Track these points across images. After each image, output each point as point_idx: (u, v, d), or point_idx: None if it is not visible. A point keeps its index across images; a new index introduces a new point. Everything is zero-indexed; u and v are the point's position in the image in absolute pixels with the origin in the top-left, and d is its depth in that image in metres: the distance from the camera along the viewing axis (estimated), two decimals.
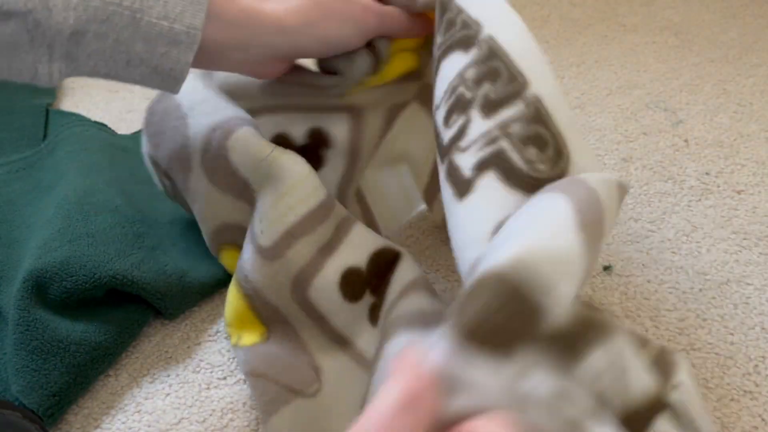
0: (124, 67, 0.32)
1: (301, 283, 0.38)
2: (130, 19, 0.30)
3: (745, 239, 0.48)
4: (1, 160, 0.56)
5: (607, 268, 0.46)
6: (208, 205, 0.42)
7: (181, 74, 0.33)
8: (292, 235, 0.38)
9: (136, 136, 0.63)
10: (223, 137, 0.39)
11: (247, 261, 0.39)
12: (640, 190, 0.53)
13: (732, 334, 0.41)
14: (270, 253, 0.38)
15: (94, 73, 0.32)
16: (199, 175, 0.41)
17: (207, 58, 0.35)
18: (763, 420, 0.36)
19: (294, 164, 0.38)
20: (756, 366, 0.39)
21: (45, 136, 0.61)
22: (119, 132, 0.64)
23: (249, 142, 0.38)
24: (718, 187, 0.53)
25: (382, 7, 0.39)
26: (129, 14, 0.30)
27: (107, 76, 0.33)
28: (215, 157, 0.39)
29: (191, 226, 0.48)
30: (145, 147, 0.44)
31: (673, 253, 0.47)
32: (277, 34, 0.36)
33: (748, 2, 0.88)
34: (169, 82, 0.33)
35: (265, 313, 0.39)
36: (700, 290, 0.44)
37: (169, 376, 0.40)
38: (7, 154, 0.58)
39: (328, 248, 0.38)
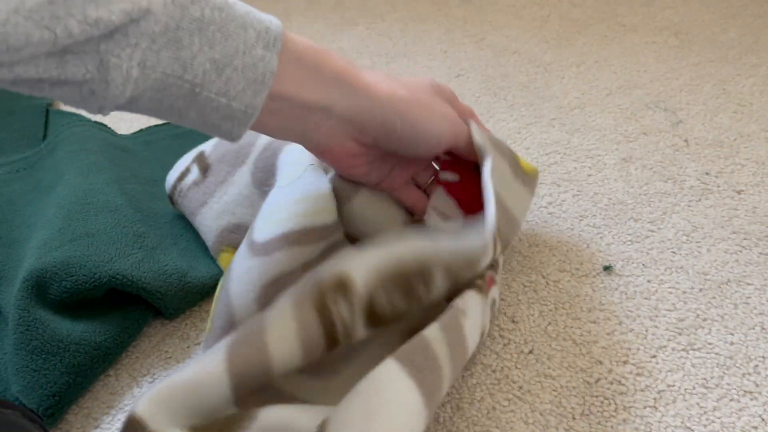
0: (175, 121, 0.32)
1: (270, 288, 0.37)
2: (189, 92, 0.29)
3: (745, 239, 0.48)
4: (2, 160, 0.56)
5: (607, 268, 0.46)
6: (236, 200, 0.45)
7: (232, 140, 0.33)
8: (286, 240, 0.38)
9: (136, 136, 0.63)
10: (280, 145, 0.45)
11: (236, 254, 0.39)
12: (641, 190, 0.53)
13: (732, 334, 0.41)
14: (258, 248, 0.38)
15: (144, 114, 0.32)
16: (246, 171, 0.45)
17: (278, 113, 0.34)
18: (763, 420, 0.36)
19: (321, 181, 0.40)
20: (756, 366, 0.39)
21: (45, 136, 0.61)
22: (119, 132, 0.64)
23: (298, 152, 0.43)
24: (718, 187, 0.53)
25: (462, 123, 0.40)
26: (188, 87, 0.29)
27: (157, 118, 0.33)
28: (268, 157, 0.44)
29: (191, 226, 0.48)
30: None
31: (673, 253, 0.47)
32: (368, 99, 0.35)
33: (748, 2, 0.88)
34: (222, 138, 0.33)
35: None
36: (700, 290, 0.44)
37: (168, 376, 0.40)
38: (7, 154, 0.58)
39: (309, 265, 0.39)
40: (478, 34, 0.85)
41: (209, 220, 0.45)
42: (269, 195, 0.41)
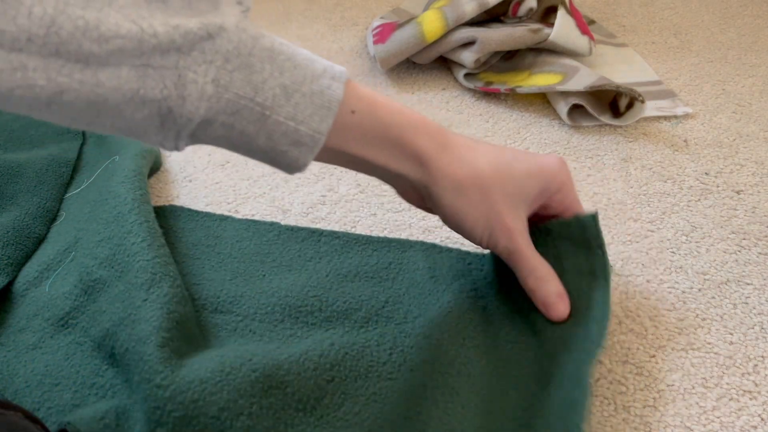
0: (244, 151, 0.33)
1: None
2: (259, 115, 0.31)
3: (744, 239, 0.48)
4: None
5: None
6: None
7: (299, 169, 0.34)
8: None
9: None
10: None
11: None
12: (640, 190, 0.54)
13: (731, 334, 0.41)
14: None
15: (214, 146, 0.33)
16: None
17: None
18: (762, 420, 0.36)
19: None
20: (755, 366, 0.39)
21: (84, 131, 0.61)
22: None
23: None
24: (718, 187, 0.53)
25: (523, 244, 0.38)
26: (259, 110, 0.30)
27: (227, 149, 0.33)
28: None
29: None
30: None
31: (673, 253, 0.47)
32: (431, 177, 0.36)
33: (747, 2, 0.88)
34: (287, 170, 0.34)
35: None
36: (700, 290, 0.44)
37: None
38: (49, 147, 0.58)
39: None
40: None
41: None
42: None
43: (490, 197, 0.36)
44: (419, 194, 0.38)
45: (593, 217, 0.39)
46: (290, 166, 0.33)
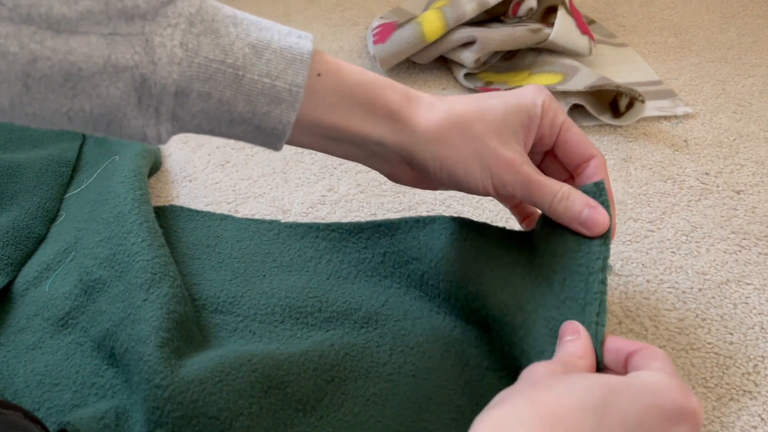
0: (227, 125, 0.32)
1: None
2: (233, 77, 0.30)
3: (744, 239, 0.48)
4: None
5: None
6: None
7: (283, 133, 0.33)
8: None
9: None
10: None
11: None
12: (640, 190, 0.53)
13: (731, 334, 0.41)
14: None
15: (198, 131, 0.32)
16: None
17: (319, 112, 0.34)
18: (762, 420, 0.36)
19: None
20: (755, 366, 0.39)
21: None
22: None
23: None
24: (718, 187, 0.53)
25: (532, 171, 0.35)
26: (232, 72, 0.30)
27: (211, 132, 0.33)
28: None
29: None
30: None
31: (673, 252, 0.47)
32: (411, 134, 0.34)
33: (747, 2, 0.88)
34: (272, 139, 0.33)
35: None
36: (700, 290, 0.44)
37: None
38: (48, 147, 0.58)
39: None
40: None
41: None
42: None
43: (473, 135, 0.34)
44: (407, 165, 0.37)
45: (597, 185, 0.36)
46: (275, 131, 0.33)
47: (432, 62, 0.71)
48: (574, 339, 0.31)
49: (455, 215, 0.43)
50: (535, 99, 0.35)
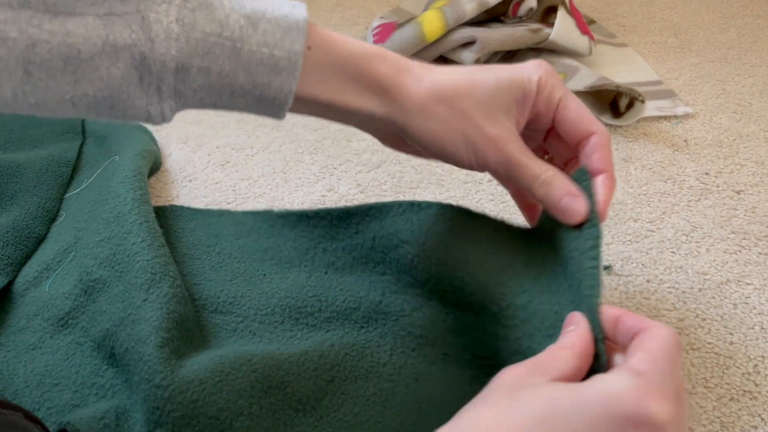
0: (229, 98, 0.32)
1: None
2: (232, 50, 0.30)
3: (744, 239, 0.48)
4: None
5: (607, 268, 0.46)
6: None
7: (285, 102, 0.33)
8: None
9: None
10: None
11: None
12: (640, 190, 0.53)
13: (732, 334, 0.41)
14: None
15: (201, 106, 0.32)
16: None
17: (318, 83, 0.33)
18: (762, 420, 0.36)
19: None
20: (756, 366, 0.39)
21: (84, 129, 0.61)
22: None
23: None
24: (718, 187, 0.53)
25: (515, 151, 0.34)
26: (230, 44, 0.30)
27: (214, 106, 0.33)
28: None
29: None
30: None
31: (673, 252, 0.47)
32: (399, 106, 0.34)
33: (747, 2, 0.88)
34: (274, 109, 0.33)
35: None
36: (700, 290, 0.44)
37: None
38: (48, 147, 0.58)
39: None
40: None
41: None
42: None
43: (460, 109, 0.33)
44: (397, 136, 0.36)
45: (580, 171, 0.36)
46: (276, 100, 0.32)
47: (432, 62, 0.72)
48: (572, 330, 0.30)
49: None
50: (530, 74, 0.34)
